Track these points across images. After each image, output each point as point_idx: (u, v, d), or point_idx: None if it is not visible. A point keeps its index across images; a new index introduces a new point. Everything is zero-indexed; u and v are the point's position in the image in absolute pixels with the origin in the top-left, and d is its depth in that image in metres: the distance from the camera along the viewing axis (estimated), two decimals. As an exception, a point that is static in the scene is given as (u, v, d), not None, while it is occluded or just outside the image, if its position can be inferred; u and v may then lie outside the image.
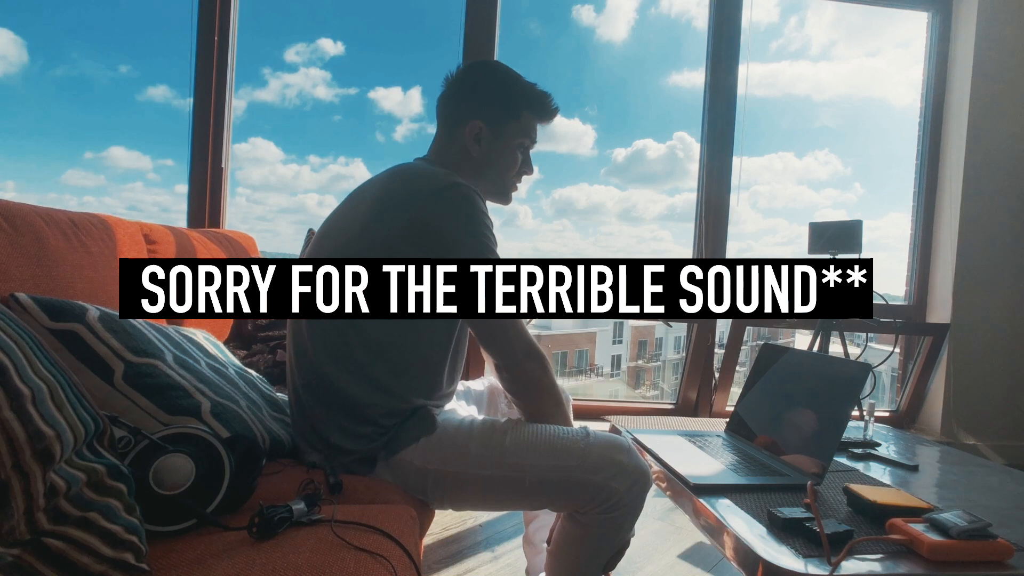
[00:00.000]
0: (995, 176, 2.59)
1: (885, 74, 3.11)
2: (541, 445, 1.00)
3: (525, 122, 1.14)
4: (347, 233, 1.03)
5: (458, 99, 1.14)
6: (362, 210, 1.03)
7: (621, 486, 0.96)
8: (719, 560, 1.66)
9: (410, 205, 0.98)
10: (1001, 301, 2.61)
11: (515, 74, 1.15)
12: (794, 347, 2.05)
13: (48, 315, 0.86)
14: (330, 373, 1.01)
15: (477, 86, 1.13)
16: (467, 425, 1.05)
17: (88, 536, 0.58)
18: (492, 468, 0.99)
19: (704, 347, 2.53)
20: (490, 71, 1.15)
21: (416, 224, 0.97)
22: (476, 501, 1.06)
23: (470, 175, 1.13)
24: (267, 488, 0.90)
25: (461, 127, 1.12)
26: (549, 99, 1.16)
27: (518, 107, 1.13)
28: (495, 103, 1.12)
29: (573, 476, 0.97)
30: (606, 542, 1.02)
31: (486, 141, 1.13)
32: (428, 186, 0.99)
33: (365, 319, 0.99)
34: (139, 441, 0.75)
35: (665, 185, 10.90)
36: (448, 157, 1.14)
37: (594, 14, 7.64)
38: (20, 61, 4.32)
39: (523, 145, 1.16)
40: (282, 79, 4.60)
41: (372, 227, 1.00)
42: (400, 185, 1.02)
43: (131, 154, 4.47)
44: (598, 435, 1.02)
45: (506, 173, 1.17)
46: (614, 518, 0.98)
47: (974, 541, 0.82)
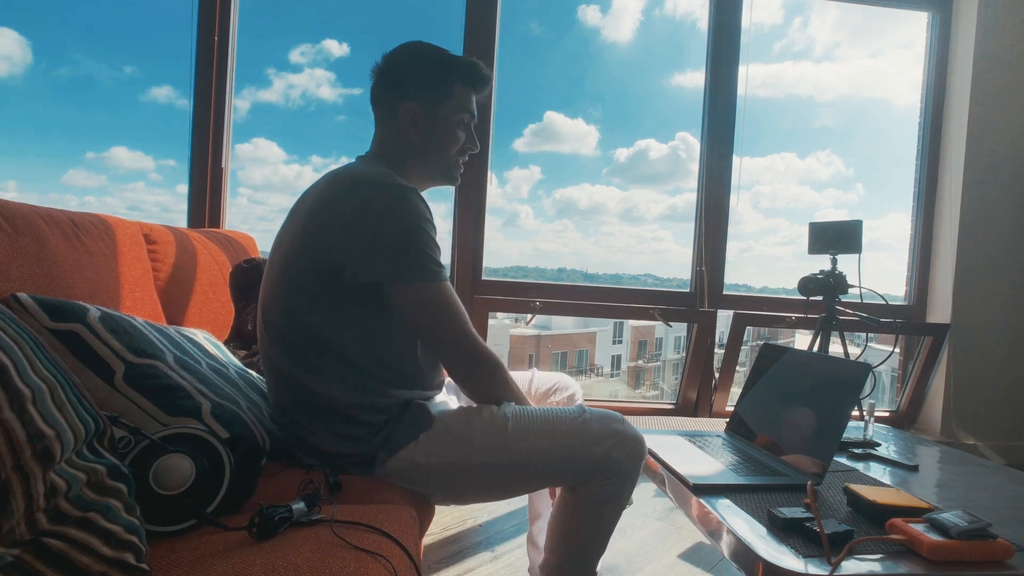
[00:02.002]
0: (995, 176, 2.59)
1: (887, 75, 3.11)
2: (544, 427, 1.03)
3: (459, 97, 1.12)
4: (288, 248, 1.03)
5: (388, 86, 1.11)
6: (299, 224, 1.03)
7: (620, 454, 1.01)
8: (719, 560, 1.66)
9: (340, 217, 0.97)
10: (1001, 301, 2.61)
11: (441, 50, 1.12)
12: (794, 347, 2.05)
13: (49, 315, 0.86)
14: (307, 382, 1.01)
15: (403, 69, 1.10)
16: (466, 416, 1.06)
17: (88, 536, 0.58)
18: (498, 455, 1.01)
19: (704, 347, 2.52)
20: (414, 52, 1.12)
21: (352, 234, 0.97)
22: (482, 491, 1.07)
23: (414, 163, 1.13)
24: (267, 488, 0.90)
25: (395, 114, 1.10)
26: (478, 67, 1.12)
27: (448, 82, 1.10)
28: (424, 82, 1.10)
29: (577, 452, 1.00)
30: (607, 509, 1.05)
31: (423, 123, 1.10)
32: (359, 195, 0.98)
33: (322, 327, 1.01)
34: (139, 441, 0.75)
35: (667, 185, 10.95)
36: (389, 149, 1.13)
37: (600, 14, 7.67)
38: (24, 62, 4.30)
39: (463, 121, 1.14)
40: (286, 79, 4.63)
41: (309, 242, 1.00)
42: (333, 195, 1.01)
43: (133, 154, 4.45)
44: (593, 410, 1.06)
45: (447, 152, 1.14)
46: (614, 484, 1.02)
47: (974, 541, 0.82)
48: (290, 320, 1.03)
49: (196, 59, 2.35)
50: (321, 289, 1.00)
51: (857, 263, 2.04)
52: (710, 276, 2.60)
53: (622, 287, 2.72)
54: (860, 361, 1.38)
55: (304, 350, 1.02)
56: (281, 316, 1.04)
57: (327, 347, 1.01)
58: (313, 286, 1.00)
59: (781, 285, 2.83)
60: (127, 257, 1.26)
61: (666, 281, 2.91)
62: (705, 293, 2.59)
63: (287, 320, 1.03)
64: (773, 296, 2.75)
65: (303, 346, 1.02)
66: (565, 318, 4.35)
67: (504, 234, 3.37)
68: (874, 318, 2.16)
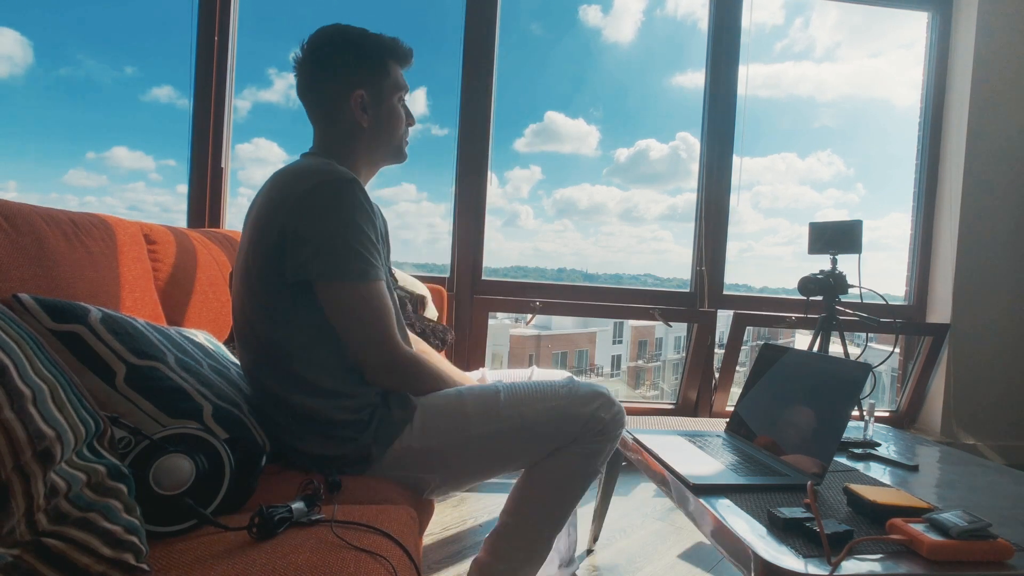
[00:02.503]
0: (995, 176, 2.59)
1: (887, 75, 3.11)
2: (534, 394, 1.07)
3: (394, 74, 1.13)
4: (243, 251, 1.04)
5: (326, 78, 1.09)
6: (249, 226, 1.04)
7: (607, 415, 1.06)
8: (719, 560, 1.66)
9: (279, 215, 0.97)
10: (1001, 301, 2.61)
11: (363, 30, 1.11)
12: (794, 347, 2.05)
13: (50, 316, 0.86)
14: (278, 390, 1.02)
15: (339, 57, 1.09)
16: (456, 394, 1.07)
17: (88, 536, 0.58)
18: (493, 424, 1.03)
19: (704, 347, 2.52)
20: (343, 37, 1.10)
21: (286, 233, 0.96)
22: (481, 467, 1.08)
23: (364, 149, 1.13)
24: (267, 488, 0.90)
25: (343, 103, 1.09)
26: (400, 43, 1.13)
27: (383, 61, 1.11)
28: (363, 66, 1.09)
29: (568, 411, 1.05)
30: (582, 469, 1.08)
31: (372, 107, 1.10)
32: (296, 191, 0.97)
33: (273, 332, 1.01)
34: (139, 441, 0.75)
35: (667, 185, 10.92)
36: (335, 141, 1.12)
37: (601, 15, 7.65)
38: (25, 62, 4.28)
39: (402, 98, 1.16)
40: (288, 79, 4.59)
41: (255, 242, 1.00)
42: (275, 194, 1.01)
43: (134, 154, 4.43)
44: (579, 380, 1.13)
45: (397, 131, 1.15)
46: (597, 443, 1.06)
47: (974, 541, 0.82)
48: (251, 327, 1.03)
49: (196, 59, 2.35)
50: (267, 291, 1.00)
51: (857, 263, 2.04)
52: (710, 276, 2.60)
53: (622, 287, 2.72)
54: (860, 361, 1.38)
55: (268, 357, 1.02)
56: (244, 324, 1.05)
57: (283, 352, 1.01)
58: (260, 289, 1.00)
59: (781, 285, 2.83)
60: (127, 257, 1.26)
61: (666, 281, 2.91)
62: (705, 293, 2.59)
63: (249, 327, 1.04)
64: (773, 296, 2.75)
65: (266, 353, 1.02)
66: (565, 318, 4.35)
67: (504, 234, 3.37)
68: (874, 318, 2.16)
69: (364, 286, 0.98)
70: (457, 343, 2.42)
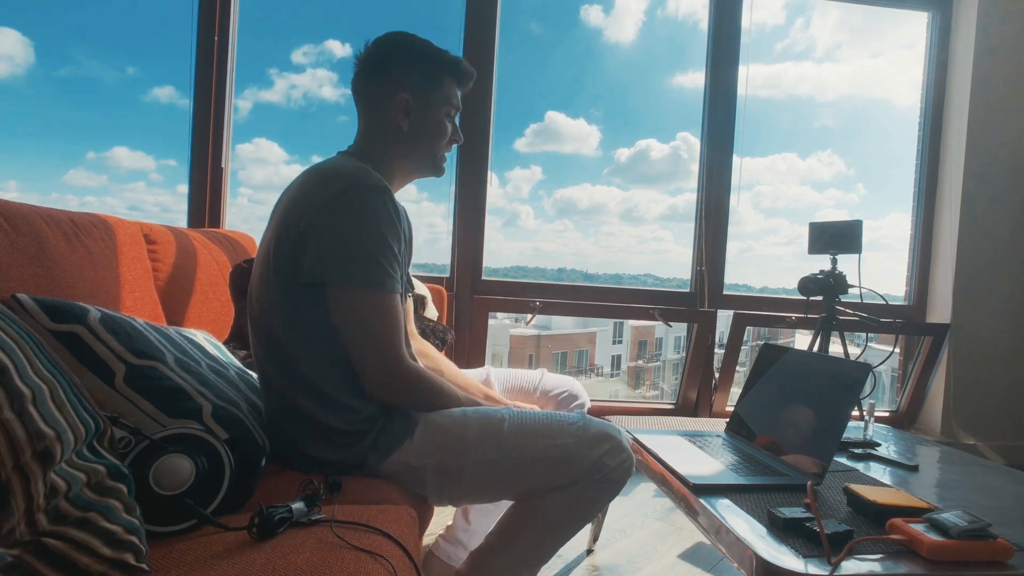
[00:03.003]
0: (995, 176, 2.59)
1: (888, 75, 3.11)
2: (540, 428, 1.03)
3: (447, 89, 1.13)
4: (265, 247, 1.03)
5: (378, 76, 1.10)
6: (274, 221, 1.03)
7: (613, 462, 1.02)
8: (719, 560, 1.66)
9: (305, 213, 0.97)
10: (1001, 301, 2.61)
11: (428, 42, 1.12)
12: (794, 347, 2.05)
13: (49, 316, 0.86)
14: (284, 390, 1.01)
15: (395, 59, 1.10)
16: (462, 416, 1.05)
17: (88, 536, 0.58)
18: (493, 452, 1.01)
19: (704, 347, 2.52)
20: (406, 43, 1.11)
21: (308, 233, 0.96)
22: (477, 492, 1.06)
23: (400, 153, 1.12)
24: (267, 488, 0.90)
25: (387, 103, 1.09)
26: (463, 63, 1.14)
27: (439, 74, 1.11)
28: (416, 73, 1.10)
29: (573, 452, 1.01)
30: (576, 514, 1.04)
31: (415, 113, 1.10)
32: (325, 192, 0.97)
33: (282, 332, 1.00)
34: (139, 441, 0.75)
35: (668, 185, 10.89)
36: (375, 141, 1.12)
37: (603, 15, 7.62)
38: (27, 62, 4.27)
39: (450, 114, 1.15)
40: (289, 79, 4.57)
41: (279, 238, 0.99)
42: (304, 191, 1.00)
43: (135, 154, 4.42)
44: (591, 418, 1.08)
45: (437, 143, 1.14)
46: (599, 489, 1.02)
47: (974, 541, 0.82)
48: (266, 320, 1.02)
49: (196, 59, 2.35)
50: (281, 288, 0.99)
51: (857, 263, 2.04)
52: (710, 276, 2.60)
53: (622, 287, 2.72)
54: (860, 361, 1.38)
55: (277, 354, 1.01)
56: (260, 316, 1.04)
57: (291, 351, 1.00)
58: (276, 284, 1.00)
59: (781, 285, 2.83)
60: (127, 257, 1.26)
61: (666, 281, 2.91)
62: (705, 293, 2.59)
63: (264, 319, 1.03)
64: (773, 296, 2.75)
65: (275, 350, 1.02)
66: (565, 318, 4.34)
67: (504, 234, 3.36)
68: (874, 318, 2.16)
69: (378, 296, 0.96)
70: (457, 343, 2.42)
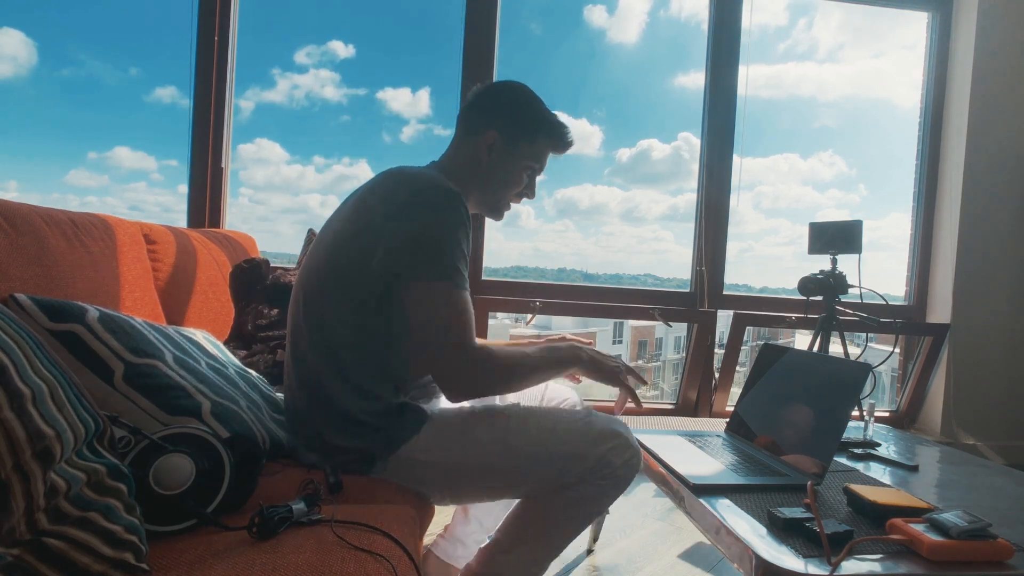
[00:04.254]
0: (995, 176, 2.59)
1: (889, 75, 3.11)
2: (545, 424, 1.03)
3: (539, 147, 1.17)
4: (335, 237, 1.04)
5: (480, 109, 1.16)
6: (348, 214, 1.05)
7: (618, 459, 1.01)
8: (719, 560, 1.66)
9: (382, 210, 0.99)
10: (1001, 301, 2.61)
11: (540, 100, 1.18)
12: (794, 347, 2.05)
13: (48, 316, 0.86)
14: (323, 379, 1.02)
15: (501, 100, 1.16)
16: (468, 413, 1.06)
17: (88, 536, 0.58)
18: (498, 451, 1.01)
19: (704, 347, 2.52)
20: (517, 90, 1.18)
21: (385, 226, 0.97)
22: (482, 489, 1.07)
23: (473, 183, 1.15)
24: (267, 488, 0.90)
25: (477, 135, 1.14)
26: (567, 131, 1.19)
27: (535, 130, 1.16)
28: (514, 120, 1.15)
29: (578, 450, 1.00)
30: (583, 510, 1.04)
31: (497, 153, 1.14)
32: (407, 190, 0.99)
33: (339, 321, 1.01)
34: (139, 441, 0.75)
35: (669, 185, 10.93)
36: (457, 163, 1.16)
37: (606, 15, 7.61)
38: (30, 62, 4.25)
39: (531, 168, 1.19)
40: (291, 79, 4.54)
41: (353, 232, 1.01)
42: (386, 188, 1.02)
43: (136, 154, 4.42)
44: (597, 414, 1.06)
45: (507, 189, 1.18)
46: (603, 486, 1.01)
47: (974, 541, 0.82)
48: (318, 313, 1.03)
49: (196, 59, 2.35)
50: (348, 280, 1.00)
51: (857, 263, 2.04)
52: (710, 276, 2.60)
53: (622, 287, 2.72)
54: (860, 361, 1.38)
55: (323, 338, 1.03)
56: (312, 308, 1.04)
57: (337, 337, 1.02)
58: (341, 277, 1.01)
59: (781, 285, 2.83)
60: (127, 257, 1.26)
61: (666, 281, 2.91)
62: (705, 293, 2.59)
63: (316, 313, 1.03)
64: (773, 296, 2.75)
65: (321, 333, 1.03)
66: (565, 318, 4.35)
67: (504, 234, 3.36)
68: (874, 318, 2.16)
69: (455, 291, 0.97)
70: (457, 343, 2.41)
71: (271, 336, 1.59)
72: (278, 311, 1.63)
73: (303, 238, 2.03)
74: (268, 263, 1.71)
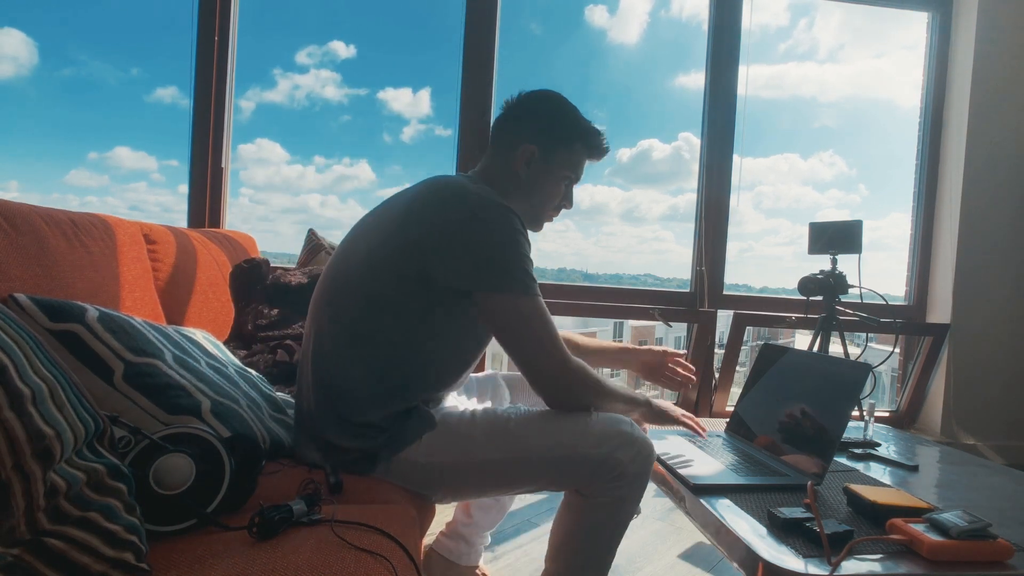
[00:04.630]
0: (995, 176, 2.59)
1: (890, 76, 3.12)
2: (546, 425, 1.03)
3: (576, 155, 1.17)
4: (377, 245, 1.04)
5: (515, 121, 1.16)
6: (393, 224, 1.04)
7: (625, 457, 0.99)
8: (719, 560, 1.66)
9: (445, 225, 0.99)
10: (1001, 301, 2.61)
11: (574, 107, 1.18)
12: (794, 347, 2.05)
13: (47, 316, 0.86)
14: (343, 371, 1.02)
15: (536, 111, 1.16)
16: (469, 415, 1.06)
17: (88, 536, 0.58)
18: (498, 452, 1.01)
19: (704, 347, 2.52)
20: (551, 99, 1.17)
21: (452, 243, 0.98)
22: (482, 488, 1.07)
23: (514, 197, 1.15)
24: (267, 488, 0.90)
25: (514, 149, 1.14)
26: (603, 138, 1.19)
27: (571, 138, 1.15)
28: (550, 130, 1.14)
29: (578, 451, 0.99)
30: (612, 515, 1.03)
31: (535, 165, 1.14)
32: (465, 206, 0.99)
33: (379, 324, 1.01)
34: (139, 441, 0.75)
35: (669, 185, 10.94)
36: (495, 177, 1.15)
37: (607, 15, 7.60)
38: (31, 63, 4.27)
39: (568, 178, 1.18)
40: (292, 80, 4.52)
41: (402, 244, 1.01)
42: (436, 202, 1.02)
43: (136, 154, 4.46)
44: (601, 415, 1.05)
45: (547, 201, 1.18)
46: (619, 488, 1.00)
47: (974, 541, 0.82)
48: (359, 312, 1.03)
49: (196, 59, 2.35)
50: (398, 289, 1.01)
51: (857, 263, 2.04)
52: (710, 276, 2.60)
53: (622, 287, 2.72)
54: (860, 361, 1.38)
55: (363, 341, 1.03)
56: (353, 308, 1.04)
57: (370, 340, 1.02)
58: (391, 285, 1.01)
59: (781, 285, 2.83)
60: (127, 257, 1.26)
61: (666, 281, 2.91)
62: (705, 293, 2.59)
63: (357, 312, 1.03)
64: (773, 296, 2.75)
65: (363, 336, 1.03)
66: (565, 318, 4.35)
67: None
68: (874, 318, 2.16)
69: (531, 299, 0.99)
70: (457, 343, 2.41)
71: (271, 336, 1.59)
72: (278, 311, 1.63)
73: (303, 238, 2.03)
74: (268, 263, 1.71)
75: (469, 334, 1.07)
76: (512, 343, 1.02)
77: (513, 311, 0.99)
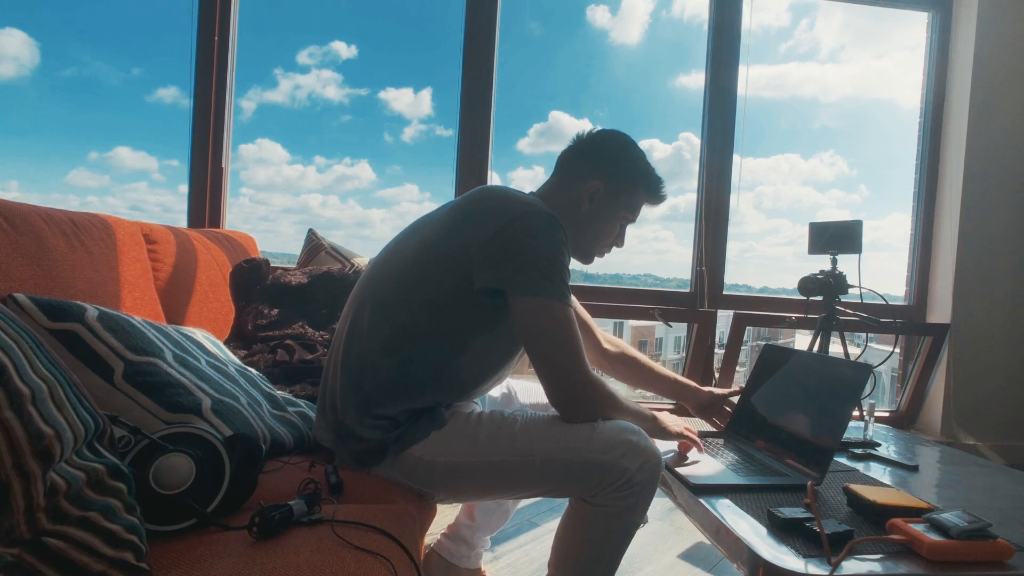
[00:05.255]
0: (995, 176, 2.59)
1: (890, 76, 3.11)
2: (552, 430, 1.02)
3: (637, 199, 1.21)
4: (429, 242, 1.06)
5: (586, 156, 1.19)
6: (447, 223, 1.06)
7: (632, 465, 0.97)
8: (719, 560, 1.66)
9: (491, 227, 1.00)
10: (1001, 301, 2.61)
11: (642, 152, 1.22)
12: (794, 348, 2.05)
13: (47, 315, 0.86)
14: (375, 358, 1.03)
15: (608, 151, 1.19)
16: (475, 416, 1.06)
17: (88, 535, 0.58)
18: (502, 454, 1.01)
19: (704, 347, 2.52)
20: (623, 141, 1.21)
21: (492, 243, 0.99)
22: (484, 489, 1.07)
23: (570, 227, 1.15)
24: (267, 487, 0.90)
25: (581, 182, 1.17)
26: (663, 185, 1.23)
27: (636, 182, 1.19)
28: (619, 172, 1.18)
29: (583, 457, 0.98)
30: (618, 525, 1.02)
31: (598, 202, 1.17)
32: (512, 211, 1.01)
33: (420, 322, 1.03)
34: (139, 440, 0.75)
35: (669, 185, 10.92)
36: (555, 203, 1.15)
37: (609, 16, 7.68)
38: (32, 63, 4.27)
39: (626, 219, 1.22)
40: (293, 80, 4.51)
41: (452, 242, 1.03)
42: (488, 206, 1.04)
43: (137, 154, 4.44)
44: (609, 422, 1.04)
45: (602, 237, 1.21)
46: (626, 497, 0.99)
47: (974, 541, 0.82)
48: (401, 307, 1.04)
49: (196, 59, 2.35)
50: (441, 289, 1.02)
51: (857, 263, 2.04)
52: (710, 276, 2.60)
53: (622, 287, 2.72)
54: (861, 362, 1.38)
55: (401, 327, 1.04)
56: (395, 303, 1.05)
57: (408, 338, 1.03)
58: (435, 285, 1.03)
59: (781, 285, 2.83)
60: (127, 257, 1.26)
61: (666, 281, 2.91)
62: (705, 293, 2.59)
63: (399, 306, 1.04)
64: (773, 296, 2.75)
65: (404, 322, 1.04)
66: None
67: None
68: (874, 318, 2.16)
69: (561, 306, 0.99)
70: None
71: (271, 336, 1.59)
72: (278, 311, 1.63)
73: (303, 238, 2.03)
74: (268, 263, 1.71)
75: (500, 345, 1.08)
76: (540, 348, 1.01)
77: (547, 316, 0.99)
